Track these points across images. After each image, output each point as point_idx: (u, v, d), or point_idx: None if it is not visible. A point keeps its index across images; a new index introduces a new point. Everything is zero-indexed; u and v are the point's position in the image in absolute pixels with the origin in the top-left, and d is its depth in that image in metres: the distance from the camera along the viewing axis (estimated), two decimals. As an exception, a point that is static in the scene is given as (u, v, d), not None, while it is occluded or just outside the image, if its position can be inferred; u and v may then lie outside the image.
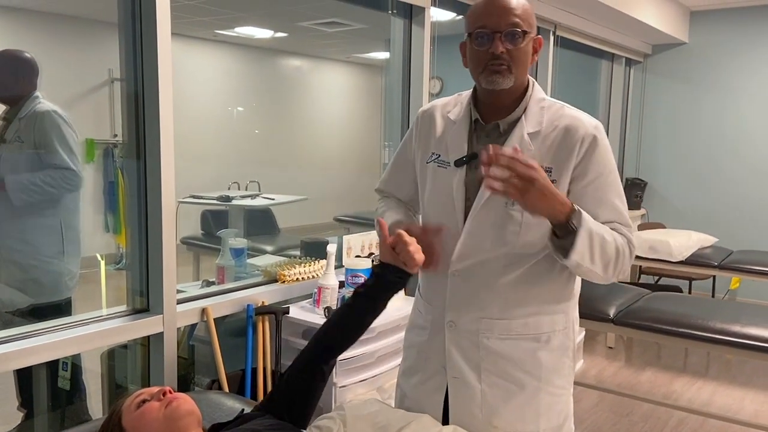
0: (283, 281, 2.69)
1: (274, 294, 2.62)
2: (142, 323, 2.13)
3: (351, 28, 6.42)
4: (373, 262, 2.84)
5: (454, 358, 1.55)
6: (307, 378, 1.48)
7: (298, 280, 2.73)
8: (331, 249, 2.65)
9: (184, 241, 4.58)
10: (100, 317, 2.12)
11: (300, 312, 2.55)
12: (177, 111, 2.12)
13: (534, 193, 1.26)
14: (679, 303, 3.14)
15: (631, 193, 5.78)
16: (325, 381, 1.50)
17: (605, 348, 4.46)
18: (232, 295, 2.50)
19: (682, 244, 4.37)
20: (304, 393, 1.48)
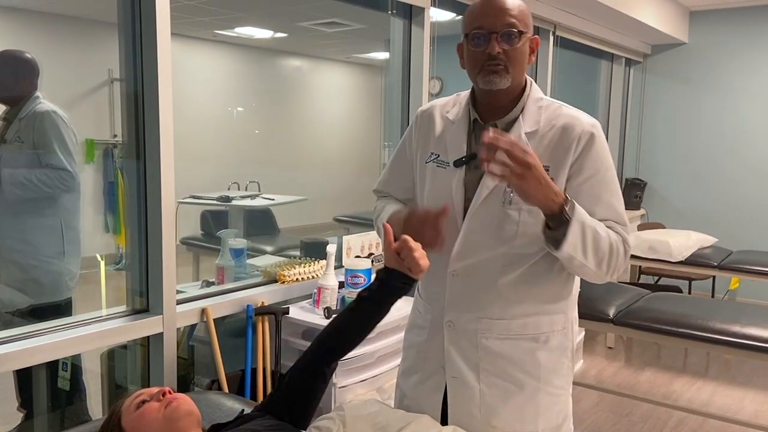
0: (283, 281, 2.69)
1: (274, 294, 2.62)
2: (141, 323, 2.13)
3: (351, 29, 6.42)
4: (372, 262, 2.84)
5: (453, 358, 1.55)
6: (308, 379, 1.48)
7: (297, 280, 2.73)
8: (331, 249, 2.65)
9: (183, 242, 4.57)
10: (100, 317, 2.12)
11: (300, 312, 2.55)
12: (177, 111, 2.12)
13: (530, 180, 1.27)
14: (679, 303, 3.14)
15: (631, 193, 5.77)
16: (326, 383, 1.50)
17: (605, 348, 4.46)
18: (232, 296, 2.50)
19: (681, 244, 4.37)
20: (304, 394, 1.48)
